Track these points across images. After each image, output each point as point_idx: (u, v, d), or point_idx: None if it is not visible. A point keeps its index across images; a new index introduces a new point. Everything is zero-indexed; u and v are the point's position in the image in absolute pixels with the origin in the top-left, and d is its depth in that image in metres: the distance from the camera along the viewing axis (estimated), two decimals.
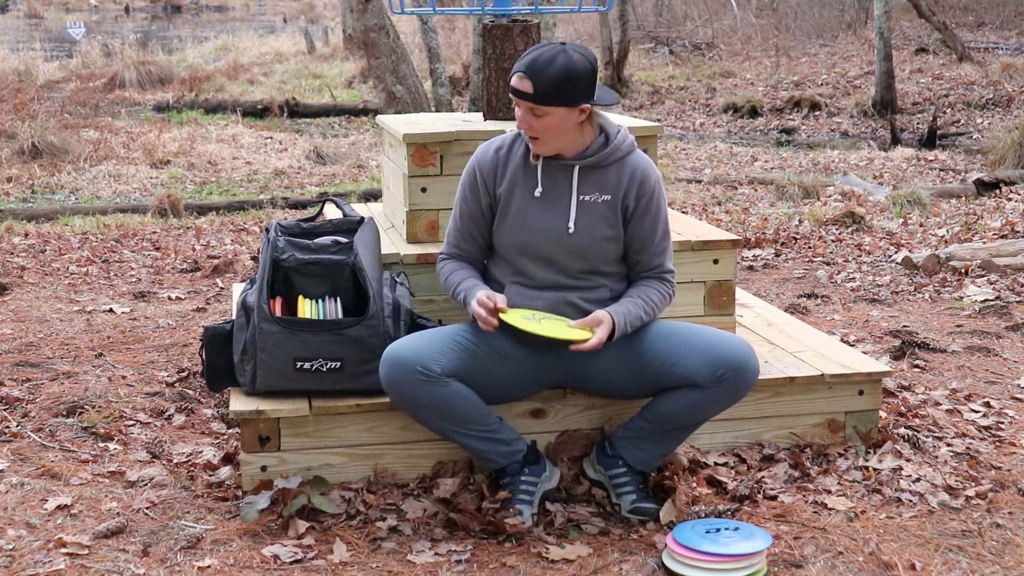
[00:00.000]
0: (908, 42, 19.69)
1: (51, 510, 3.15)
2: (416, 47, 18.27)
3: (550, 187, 3.14)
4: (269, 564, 2.89)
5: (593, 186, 3.13)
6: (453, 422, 3.09)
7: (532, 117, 3.03)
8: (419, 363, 3.00)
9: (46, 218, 8.78)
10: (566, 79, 2.97)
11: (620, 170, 3.14)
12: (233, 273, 6.44)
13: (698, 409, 3.13)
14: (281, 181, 10.86)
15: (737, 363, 3.06)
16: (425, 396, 3.02)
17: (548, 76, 2.97)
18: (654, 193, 3.16)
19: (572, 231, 3.11)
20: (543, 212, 3.13)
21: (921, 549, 2.98)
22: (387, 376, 3.04)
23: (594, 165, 3.13)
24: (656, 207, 3.17)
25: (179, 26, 33.62)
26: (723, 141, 14.22)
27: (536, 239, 3.13)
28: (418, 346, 3.05)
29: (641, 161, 3.18)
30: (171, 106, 16.17)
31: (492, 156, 3.21)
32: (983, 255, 6.35)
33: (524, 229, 3.14)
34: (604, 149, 3.12)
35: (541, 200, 3.14)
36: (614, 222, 3.14)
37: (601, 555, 2.95)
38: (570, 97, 2.99)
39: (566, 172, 3.14)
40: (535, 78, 2.98)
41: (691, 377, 3.07)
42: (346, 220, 3.48)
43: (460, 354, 3.08)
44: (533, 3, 4.09)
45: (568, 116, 3.03)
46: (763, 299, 5.27)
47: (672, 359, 3.09)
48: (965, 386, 4.30)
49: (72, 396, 4.00)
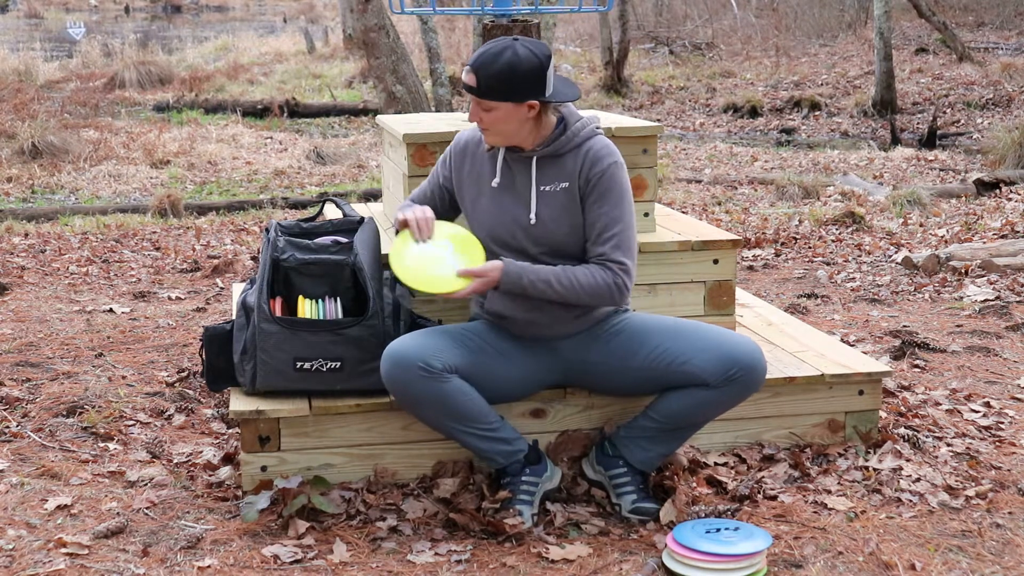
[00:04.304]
0: (908, 42, 19.69)
1: (51, 510, 3.15)
2: (416, 47, 18.27)
3: (511, 178, 3.17)
4: (269, 564, 2.89)
5: (552, 175, 3.14)
6: (455, 420, 3.09)
7: (480, 110, 3.06)
8: (420, 359, 3.00)
9: (46, 218, 8.78)
10: (510, 75, 2.98)
11: (576, 156, 3.13)
12: (233, 273, 6.45)
13: (706, 408, 3.13)
14: (281, 181, 10.86)
15: (749, 362, 3.06)
16: (426, 392, 3.02)
17: (492, 71, 2.99)
18: (604, 176, 3.09)
19: (534, 222, 3.13)
20: (504, 202, 3.16)
21: (921, 549, 2.98)
22: (388, 373, 3.04)
23: (551, 154, 3.13)
24: (606, 192, 3.09)
25: (179, 26, 33.61)
26: (723, 141, 14.22)
27: (500, 229, 3.16)
28: (420, 343, 3.05)
29: (597, 145, 3.13)
30: (171, 106, 16.16)
31: (467, 140, 3.28)
32: (983, 255, 6.35)
33: (489, 218, 3.18)
34: (560, 138, 3.12)
35: (501, 191, 3.17)
36: (574, 209, 3.13)
37: (601, 555, 2.95)
38: (515, 92, 3.01)
39: (526, 164, 3.16)
40: (479, 73, 3.01)
41: (701, 376, 3.07)
42: (346, 220, 3.48)
43: (462, 351, 3.08)
44: (533, 3, 4.09)
45: (515, 111, 3.04)
46: (763, 299, 5.27)
47: (681, 357, 3.09)
48: (965, 386, 4.30)
49: (72, 396, 4.00)
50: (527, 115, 3.05)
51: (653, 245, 3.70)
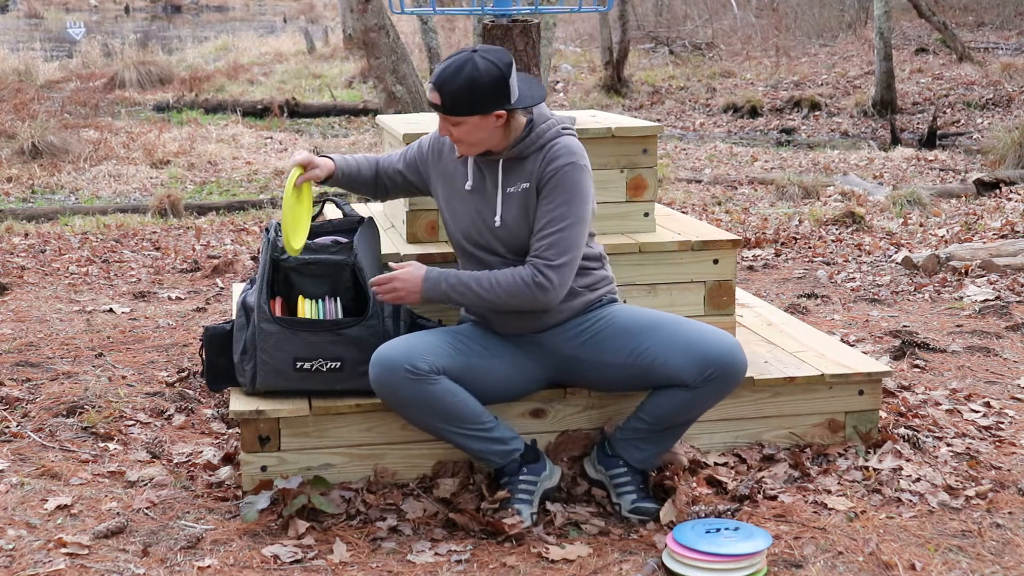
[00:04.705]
0: (908, 42, 19.69)
1: (51, 510, 3.15)
2: (416, 47, 18.27)
3: (482, 181, 3.18)
4: (269, 564, 2.89)
5: (516, 177, 3.14)
6: (445, 421, 3.09)
7: (449, 125, 3.07)
8: (407, 362, 3.01)
9: (46, 218, 8.78)
10: (471, 90, 2.98)
11: (537, 157, 3.13)
12: (233, 273, 6.45)
13: (690, 407, 3.14)
14: (281, 181, 10.85)
15: (723, 362, 3.05)
16: (414, 395, 3.03)
17: (455, 88, 2.98)
18: (556, 175, 3.07)
19: (499, 224, 3.13)
20: (475, 205, 3.18)
21: (921, 549, 2.98)
22: (376, 377, 3.05)
23: (516, 156, 3.14)
24: (554, 190, 3.07)
25: (179, 26, 33.61)
26: (723, 141, 14.21)
27: (472, 231, 3.18)
28: (406, 345, 3.06)
29: (558, 145, 3.11)
30: (171, 106, 16.16)
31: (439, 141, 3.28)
32: (983, 255, 6.35)
33: (462, 220, 3.20)
34: (525, 140, 3.12)
35: (473, 193, 3.18)
36: (533, 209, 3.13)
37: (601, 555, 2.95)
38: (480, 105, 3.00)
39: (494, 166, 3.17)
40: (442, 90, 3.00)
41: (680, 377, 3.07)
42: (346, 220, 3.49)
43: (450, 352, 3.09)
44: (533, 3, 4.09)
45: (483, 122, 3.04)
46: (763, 299, 5.27)
47: (661, 358, 3.09)
48: (965, 386, 4.30)
49: (72, 396, 4.00)
50: (495, 124, 3.06)
51: (653, 245, 3.70)
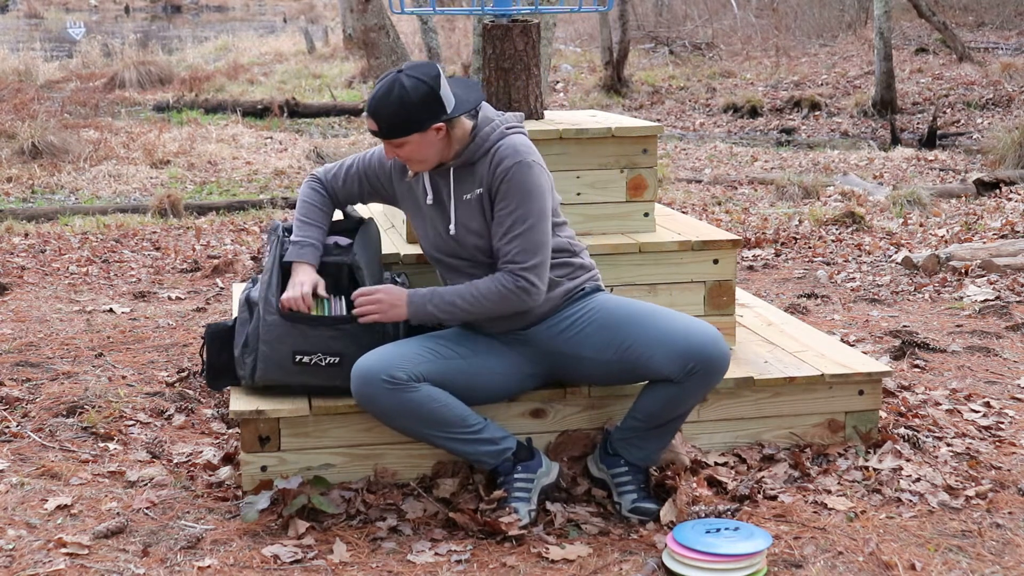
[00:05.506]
0: (908, 42, 19.69)
1: (51, 510, 3.15)
2: (416, 47, 18.27)
3: (439, 192, 3.19)
4: (269, 564, 2.89)
5: (469, 184, 3.15)
6: (431, 427, 3.09)
7: (393, 147, 3.09)
8: (384, 372, 3.02)
9: (46, 218, 8.77)
10: (404, 111, 3.00)
11: (485, 161, 3.13)
12: (233, 273, 6.44)
13: (678, 402, 3.14)
14: (281, 181, 10.85)
15: (704, 355, 3.05)
16: (395, 404, 3.04)
17: (388, 112, 3.01)
18: (507, 176, 3.07)
19: (453, 232, 3.15)
20: (435, 217, 3.20)
21: (921, 549, 2.98)
22: (356, 390, 3.07)
23: (465, 163, 3.14)
24: (508, 191, 3.07)
25: (179, 26, 33.62)
26: (723, 141, 14.21)
27: (439, 242, 3.21)
28: (383, 356, 3.07)
29: (504, 146, 3.11)
30: (171, 106, 16.15)
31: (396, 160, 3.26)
32: (983, 255, 6.35)
33: (429, 235, 3.23)
34: (470, 146, 3.13)
35: (433, 206, 3.20)
36: (489, 214, 3.14)
37: (601, 555, 2.95)
38: (416, 123, 3.02)
39: (446, 176, 3.18)
40: (376, 116, 3.03)
41: (664, 372, 3.07)
42: (347, 220, 3.49)
43: (430, 357, 3.09)
44: (533, 3, 4.09)
45: (424, 139, 3.05)
46: (763, 299, 5.27)
47: (646, 354, 3.08)
48: (965, 386, 4.30)
49: (72, 396, 4.00)
50: (437, 138, 3.07)
51: (653, 245, 3.70)
